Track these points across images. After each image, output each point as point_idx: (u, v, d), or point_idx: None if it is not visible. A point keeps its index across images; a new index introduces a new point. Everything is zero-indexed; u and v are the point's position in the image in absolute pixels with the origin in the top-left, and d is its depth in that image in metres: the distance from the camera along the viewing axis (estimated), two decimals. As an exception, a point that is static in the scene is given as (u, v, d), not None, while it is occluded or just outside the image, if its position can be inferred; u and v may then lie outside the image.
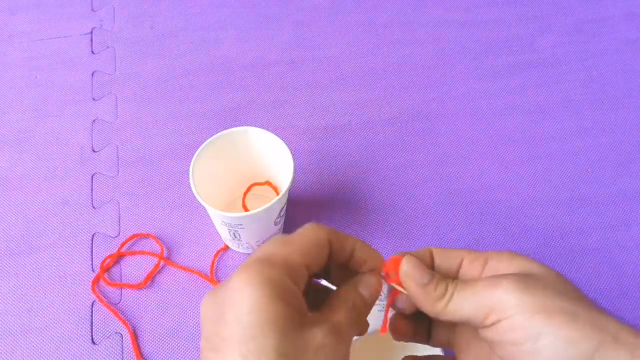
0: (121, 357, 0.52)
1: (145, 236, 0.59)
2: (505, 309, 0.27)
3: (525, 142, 0.66)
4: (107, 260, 0.57)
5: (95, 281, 0.56)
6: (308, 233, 0.30)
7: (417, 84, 0.70)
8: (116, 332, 0.54)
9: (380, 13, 0.76)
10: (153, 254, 0.57)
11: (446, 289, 0.29)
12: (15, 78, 0.70)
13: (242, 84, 0.70)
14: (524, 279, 0.28)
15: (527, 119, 0.68)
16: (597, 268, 0.58)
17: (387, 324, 0.34)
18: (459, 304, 0.29)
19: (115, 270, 0.57)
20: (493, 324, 0.28)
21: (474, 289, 0.29)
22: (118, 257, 0.58)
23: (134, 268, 0.57)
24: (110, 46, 0.73)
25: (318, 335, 0.26)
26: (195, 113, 0.67)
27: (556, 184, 0.63)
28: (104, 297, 0.55)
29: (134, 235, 0.58)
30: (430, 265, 0.32)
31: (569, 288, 0.28)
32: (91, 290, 0.56)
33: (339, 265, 0.32)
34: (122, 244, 0.58)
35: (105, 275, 0.56)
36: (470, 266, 0.31)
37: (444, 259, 0.32)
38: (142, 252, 0.58)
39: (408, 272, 0.31)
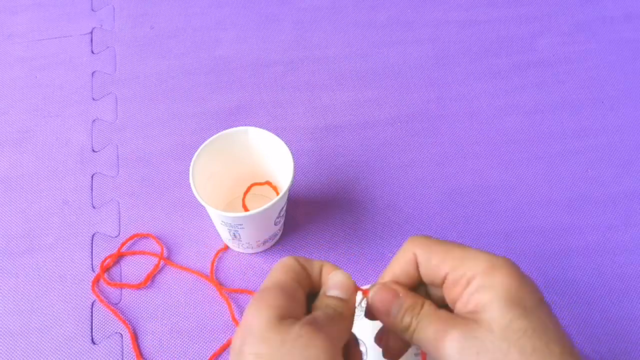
0: (121, 357, 0.52)
1: (145, 236, 0.59)
2: None
3: (525, 142, 0.66)
4: (107, 260, 0.57)
5: (95, 281, 0.56)
6: (281, 261, 0.34)
7: (417, 84, 0.70)
8: (116, 332, 0.54)
9: (380, 13, 0.76)
10: (153, 254, 0.57)
11: (411, 322, 0.31)
12: (15, 78, 0.70)
13: (241, 84, 0.70)
14: (465, 341, 0.28)
15: (527, 119, 0.68)
16: (597, 268, 0.58)
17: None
18: (418, 340, 0.31)
19: (115, 270, 0.57)
20: None
21: (426, 331, 0.30)
22: (118, 257, 0.58)
23: (134, 268, 0.57)
24: (110, 46, 0.73)
25: (294, 328, 0.29)
26: (195, 113, 0.67)
27: (556, 184, 0.63)
28: (104, 297, 0.55)
29: (134, 235, 0.58)
30: (414, 271, 0.34)
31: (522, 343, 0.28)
32: (91, 290, 0.56)
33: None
34: (122, 244, 0.58)
35: (105, 275, 0.56)
36: (452, 289, 0.31)
37: (429, 272, 0.33)
38: (142, 252, 0.58)
39: (374, 305, 0.33)
